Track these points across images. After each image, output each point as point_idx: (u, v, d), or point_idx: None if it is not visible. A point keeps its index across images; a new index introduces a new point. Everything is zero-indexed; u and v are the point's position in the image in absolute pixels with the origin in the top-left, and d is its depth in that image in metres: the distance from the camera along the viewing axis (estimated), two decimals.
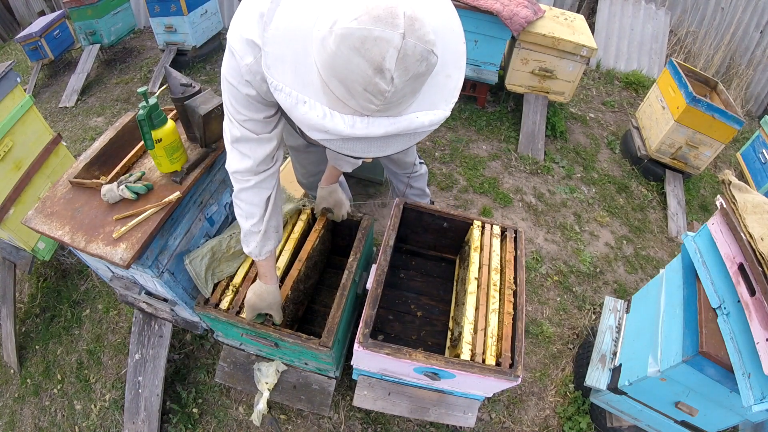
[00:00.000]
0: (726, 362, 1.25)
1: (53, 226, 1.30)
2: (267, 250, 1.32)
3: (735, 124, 2.75)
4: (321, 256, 1.88)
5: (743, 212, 1.35)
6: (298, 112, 0.73)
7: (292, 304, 1.63)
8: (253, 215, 1.24)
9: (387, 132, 0.73)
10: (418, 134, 0.79)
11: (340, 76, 0.68)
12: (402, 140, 0.78)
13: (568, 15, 3.31)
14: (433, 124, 0.76)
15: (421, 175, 2.08)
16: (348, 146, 0.76)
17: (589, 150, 3.48)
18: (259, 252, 1.31)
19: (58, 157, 2.24)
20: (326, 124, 0.72)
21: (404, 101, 0.72)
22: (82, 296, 2.38)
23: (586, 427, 1.91)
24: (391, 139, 0.77)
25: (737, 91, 4.59)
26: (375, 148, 0.78)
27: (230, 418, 1.91)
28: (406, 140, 0.79)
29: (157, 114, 1.25)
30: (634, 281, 2.60)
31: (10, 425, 2.03)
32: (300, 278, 1.63)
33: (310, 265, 1.72)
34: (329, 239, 1.95)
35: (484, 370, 1.30)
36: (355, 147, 0.77)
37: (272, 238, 1.31)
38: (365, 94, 0.68)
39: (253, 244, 1.29)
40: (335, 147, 0.78)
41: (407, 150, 1.80)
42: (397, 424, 1.89)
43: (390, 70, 0.65)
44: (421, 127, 0.76)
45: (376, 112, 0.71)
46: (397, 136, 0.76)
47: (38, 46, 4.20)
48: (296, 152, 1.84)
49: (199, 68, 4.26)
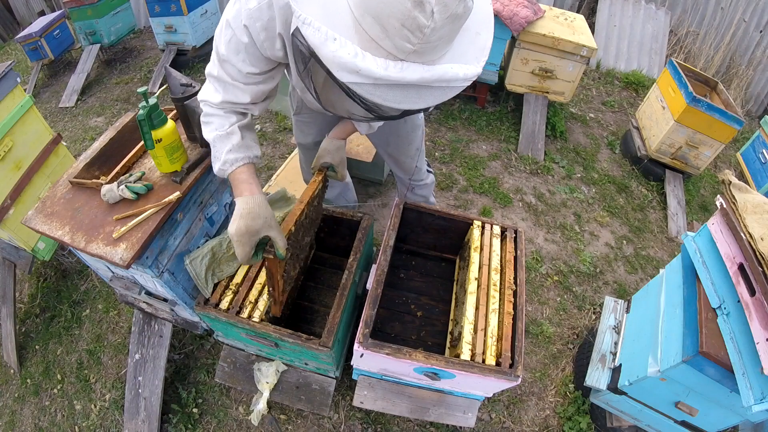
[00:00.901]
0: (726, 362, 1.25)
1: (53, 226, 1.30)
2: (245, 155, 1.12)
3: (735, 124, 2.75)
4: (316, 217, 1.59)
5: (743, 212, 1.35)
6: (327, 50, 0.68)
7: (292, 260, 1.38)
8: (224, 125, 1.12)
9: (422, 78, 0.69)
10: (451, 89, 0.75)
11: (375, 11, 0.65)
12: (435, 93, 0.74)
13: (568, 15, 3.31)
14: (467, 78, 0.73)
15: (427, 185, 2.02)
16: (379, 93, 0.72)
17: (589, 150, 3.48)
18: (232, 158, 1.10)
19: (58, 157, 2.24)
20: (358, 63, 0.67)
21: (440, 47, 0.69)
22: (82, 296, 2.38)
23: (586, 427, 1.91)
24: (425, 91, 0.73)
25: (737, 91, 4.59)
26: (408, 98, 0.73)
27: (230, 418, 1.91)
28: (440, 94, 0.75)
29: (157, 114, 1.25)
30: (634, 281, 2.60)
31: (10, 425, 2.03)
32: (302, 223, 1.38)
33: (310, 214, 1.48)
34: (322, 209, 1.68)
35: (484, 370, 1.30)
36: (387, 95, 0.72)
37: (249, 146, 1.15)
38: (402, 30, 0.64)
39: (224, 150, 1.10)
40: (365, 92, 0.72)
41: (408, 151, 1.77)
42: (397, 424, 1.89)
43: (431, 3, 0.62)
44: (455, 79, 0.72)
45: (411, 55, 0.68)
46: (431, 88, 0.73)
47: (38, 46, 4.20)
48: (305, 150, 1.81)
49: (199, 68, 4.25)
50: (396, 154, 1.80)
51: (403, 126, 1.67)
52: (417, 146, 1.79)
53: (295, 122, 1.76)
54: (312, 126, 1.73)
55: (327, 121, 1.65)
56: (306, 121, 1.72)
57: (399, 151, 1.78)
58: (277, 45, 1.02)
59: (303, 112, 1.68)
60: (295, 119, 1.75)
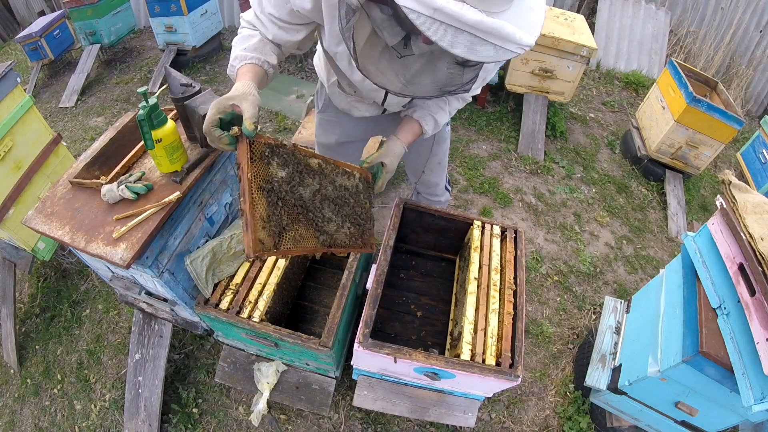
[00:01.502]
0: (726, 362, 1.25)
1: (53, 226, 1.30)
2: (254, 55, 1.10)
3: (735, 124, 2.75)
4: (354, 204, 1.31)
5: (743, 212, 1.35)
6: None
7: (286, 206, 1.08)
8: (253, 36, 1.11)
9: (481, 22, 0.68)
10: (503, 51, 0.74)
11: None
12: (488, 49, 0.73)
13: (568, 15, 3.31)
14: (522, 43, 0.73)
15: (441, 202, 1.99)
16: (435, 28, 0.70)
17: (589, 150, 3.48)
18: (242, 54, 1.09)
19: (58, 157, 2.24)
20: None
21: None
22: (82, 296, 2.38)
23: (586, 427, 1.91)
24: (479, 42, 0.72)
25: (737, 91, 4.59)
26: (460, 43, 0.72)
27: (230, 418, 1.91)
28: (493, 51, 0.74)
29: (157, 114, 1.25)
30: (634, 281, 2.60)
31: (10, 425, 2.03)
32: (317, 168, 1.19)
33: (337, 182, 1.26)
34: (369, 206, 1.37)
35: (484, 370, 1.30)
36: (442, 33, 0.71)
37: (262, 51, 1.11)
38: None
39: (239, 47, 1.11)
40: (421, 23, 0.71)
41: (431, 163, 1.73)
42: (397, 424, 1.89)
43: None
44: (511, 39, 0.72)
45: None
46: (485, 42, 0.72)
47: (38, 46, 4.20)
48: (326, 150, 1.75)
49: (199, 68, 4.25)
50: (418, 165, 1.76)
51: (429, 138, 1.61)
52: (440, 160, 1.75)
53: (319, 120, 1.69)
54: (336, 126, 1.65)
55: (353, 121, 1.58)
56: (331, 120, 1.64)
57: (421, 163, 1.73)
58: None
59: (329, 110, 1.60)
60: (319, 117, 1.67)
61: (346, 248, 1.25)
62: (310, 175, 1.15)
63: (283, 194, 1.06)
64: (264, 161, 1.02)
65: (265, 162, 1.02)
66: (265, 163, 1.02)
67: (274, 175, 1.04)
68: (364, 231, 1.33)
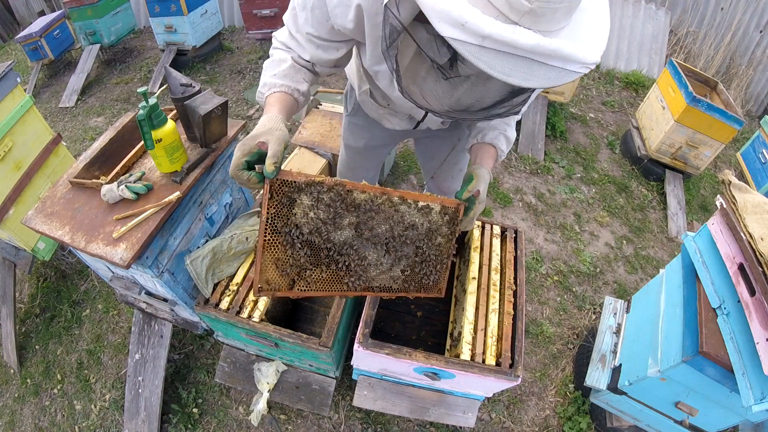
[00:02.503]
0: (726, 362, 1.25)
1: (53, 226, 1.30)
2: (283, 83, 1.05)
3: (735, 124, 2.75)
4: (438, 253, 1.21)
5: (743, 212, 1.35)
6: (433, 1, 0.62)
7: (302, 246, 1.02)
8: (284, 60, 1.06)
9: (538, 45, 0.61)
10: (566, 73, 0.66)
11: None
12: (549, 74, 0.65)
13: None
14: (586, 62, 0.65)
15: None
16: (485, 58, 0.63)
17: (589, 150, 3.48)
18: (271, 82, 1.05)
19: (58, 157, 2.24)
20: (465, 15, 0.60)
21: (560, 14, 0.62)
22: (82, 296, 2.38)
23: (586, 427, 1.91)
24: (537, 67, 0.64)
25: (737, 91, 4.59)
26: (516, 70, 0.64)
27: (230, 418, 1.91)
28: (554, 75, 0.65)
29: (157, 114, 1.25)
30: (634, 281, 2.60)
31: (10, 425, 2.03)
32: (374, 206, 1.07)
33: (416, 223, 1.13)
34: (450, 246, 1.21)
35: (484, 370, 1.30)
36: (494, 61, 0.63)
37: (293, 78, 1.06)
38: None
39: (269, 74, 1.05)
40: (469, 53, 0.63)
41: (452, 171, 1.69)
42: (397, 424, 1.89)
43: None
44: (573, 59, 0.64)
45: (526, 18, 0.61)
46: (544, 66, 0.64)
47: (38, 46, 4.20)
48: (353, 153, 1.70)
49: (199, 68, 4.25)
50: (434, 170, 1.74)
51: (456, 145, 1.59)
52: (461, 167, 1.73)
53: (347, 123, 1.63)
54: (365, 131, 1.59)
55: (383, 130, 1.52)
56: (360, 124, 1.58)
57: (442, 169, 1.71)
58: (350, 15, 0.92)
59: (358, 114, 1.55)
60: (347, 120, 1.62)
61: (392, 293, 1.15)
62: (353, 213, 1.04)
63: (307, 236, 1.00)
64: (287, 202, 0.96)
65: (287, 203, 0.96)
66: (287, 204, 0.96)
67: (299, 215, 0.98)
68: (426, 274, 1.18)
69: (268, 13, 3.62)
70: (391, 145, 1.73)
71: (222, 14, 4.63)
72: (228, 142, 1.54)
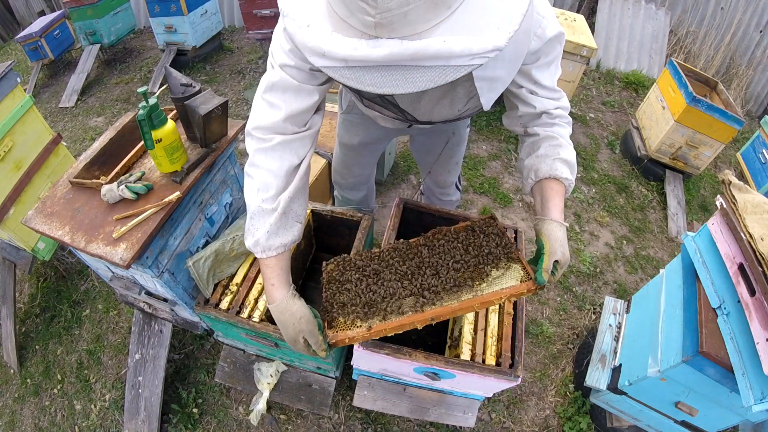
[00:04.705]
0: (726, 362, 1.25)
1: (53, 226, 1.30)
2: (280, 243, 0.99)
3: (735, 124, 2.75)
4: None
5: (743, 212, 1.35)
6: (300, 37, 0.67)
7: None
8: (268, 187, 0.97)
9: (391, 55, 0.60)
10: (453, 68, 0.62)
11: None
12: (430, 74, 0.63)
13: (568, 15, 3.31)
14: (471, 53, 0.61)
15: (452, 201, 1.97)
16: (354, 76, 0.65)
17: (589, 150, 3.48)
18: (266, 244, 0.98)
19: (58, 157, 2.24)
20: (322, 45, 0.63)
21: (415, 17, 0.59)
22: (82, 296, 2.38)
23: (586, 427, 1.91)
24: (414, 72, 0.63)
25: (737, 91, 4.59)
26: (389, 80, 0.64)
27: (230, 418, 1.91)
28: (436, 74, 0.63)
29: (157, 114, 1.25)
30: (634, 281, 2.60)
31: (10, 425, 2.03)
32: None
33: None
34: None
35: (484, 370, 1.30)
36: (364, 77, 0.64)
37: (289, 226, 1.01)
38: (357, 2, 0.59)
39: (261, 230, 0.98)
40: (339, 76, 0.66)
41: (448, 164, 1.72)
42: (397, 424, 1.89)
43: None
44: (448, 54, 0.60)
45: (379, 29, 0.60)
46: (422, 68, 0.62)
47: (38, 46, 4.20)
48: (348, 150, 1.72)
49: (199, 68, 4.26)
50: (431, 165, 1.76)
51: (450, 138, 1.61)
52: (457, 160, 1.75)
53: (342, 120, 1.65)
54: (360, 128, 1.62)
55: (378, 126, 1.53)
56: (355, 121, 1.60)
57: (438, 163, 1.73)
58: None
59: (354, 111, 1.58)
60: (342, 117, 1.64)
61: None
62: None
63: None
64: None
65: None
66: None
67: None
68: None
69: (268, 13, 3.61)
70: (385, 142, 1.74)
71: (222, 14, 4.63)
72: (228, 142, 1.54)
